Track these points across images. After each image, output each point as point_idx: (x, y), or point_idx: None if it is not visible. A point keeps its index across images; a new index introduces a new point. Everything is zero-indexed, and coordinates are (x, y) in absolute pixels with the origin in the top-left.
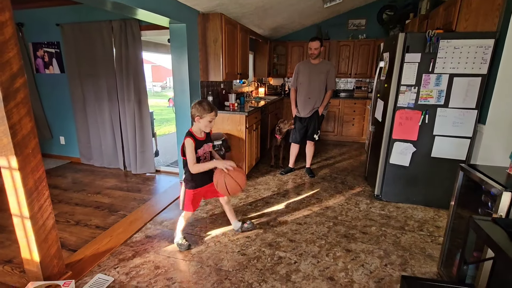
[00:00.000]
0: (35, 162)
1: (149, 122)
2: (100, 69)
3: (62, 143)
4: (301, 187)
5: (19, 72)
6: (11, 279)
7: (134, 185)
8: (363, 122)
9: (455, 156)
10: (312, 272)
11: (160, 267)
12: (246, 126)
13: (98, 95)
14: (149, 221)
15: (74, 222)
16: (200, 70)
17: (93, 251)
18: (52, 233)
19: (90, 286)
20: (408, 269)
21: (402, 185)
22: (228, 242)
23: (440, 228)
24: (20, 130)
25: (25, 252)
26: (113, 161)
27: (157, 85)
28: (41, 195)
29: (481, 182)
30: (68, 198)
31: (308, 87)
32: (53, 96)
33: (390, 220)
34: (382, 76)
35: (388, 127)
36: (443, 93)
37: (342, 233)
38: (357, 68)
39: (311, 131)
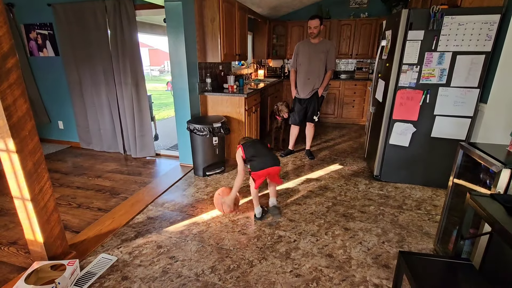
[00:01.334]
0: (32, 145)
1: (147, 106)
2: (95, 51)
3: (60, 128)
4: (300, 168)
5: (10, 51)
6: (16, 259)
7: (135, 169)
8: (363, 104)
9: (455, 136)
10: (311, 250)
11: (163, 246)
12: (246, 108)
13: (95, 79)
14: (150, 203)
15: (76, 205)
16: (197, 51)
17: (96, 232)
18: (54, 214)
19: (94, 265)
20: (405, 246)
21: (401, 166)
22: (229, 222)
23: (437, 207)
24: (15, 112)
25: (29, 233)
26: (112, 145)
27: (155, 69)
28: (41, 177)
29: (480, 160)
30: (69, 181)
31: (308, 67)
32: (49, 80)
33: (388, 199)
34: (383, 56)
35: (389, 108)
36: (445, 72)
37: (341, 213)
38: (358, 48)
39: (310, 113)
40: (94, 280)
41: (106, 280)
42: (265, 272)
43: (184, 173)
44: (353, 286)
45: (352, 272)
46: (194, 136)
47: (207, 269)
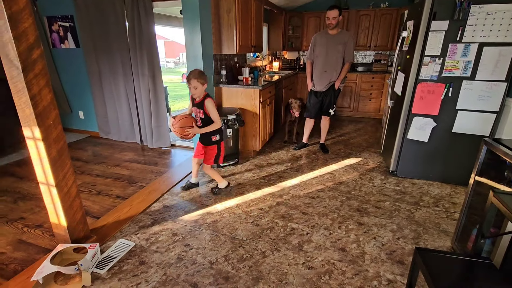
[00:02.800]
0: (56, 133)
1: (164, 97)
2: (114, 43)
3: (81, 118)
4: (314, 162)
5: (36, 43)
6: (42, 241)
7: (151, 159)
8: (381, 97)
9: (478, 132)
10: (324, 243)
11: (178, 234)
12: (260, 100)
13: (113, 70)
14: (166, 192)
15: (96, 192)
16: (213, 42)
17: (114, 219)
18: (77, 200)
19: (113, 249)
20: (421, 243)
21: (419, 161)
22: (242, 213)
23: (456, 204)
24: (41, 101)
25: (53, 217)
26: (130, 135)
27: (170, 61)
28: (64, 164)
29: (505, 157)
30: (90, 169)
31: (325, 59)
32: (70, 71)
33: (404, 195)
34: (404, 47)
35: (408, 101)
36: (470, 64)
37: (355, 207)
38: (377, 40)
39: (326, 106)
40: (113, 263)
41: (125, 264)
42: (278, 263)
43: None
44: (366, 280)
45: (366, 266)
46: None
47: (221, 257)
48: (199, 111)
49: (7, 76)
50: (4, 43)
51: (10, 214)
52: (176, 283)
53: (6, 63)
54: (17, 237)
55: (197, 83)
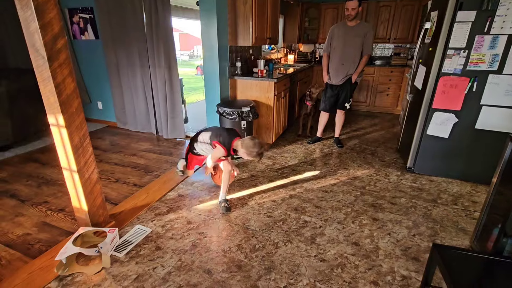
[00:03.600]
0: (79, 121)
1: (179, 89)
2: (131, 34)
3: (100, 108)
4: (328, 156)
5: (60, 33)
6: (64, 224)
7: (166, 149)
8: (399, 92)
9: (504, 129)
10: (337, 237)
11: (192, 222)
12: (275, 93)
13: (131, 61)
14: (181, 181)
15: (114, 179)
16: (229, 34)
17: (132, 205)
18: (97, 186)
19: (131, 234)
20: (438, 240)
21: (438, 158)
22: (255, 204)
23: (476, 203)
24: (64, 90)
25: (75, 201)
26: (146, 126)
27: (184, 53)
28: (86, 151)
29: None
30: (108, 158)
31: (342, 52)
32: (89, 62)
33: (421, 192)
34: (426, 39)
35: (429, 96)
36: (497, 57)
37: (369, 203)
38: (397, 32)
39: (342, 100)
40: (131, 247)
41: (142, 249)
42: (290, 254)
43: None
44: (379, 275)
45: (379, 262)
46: (223, 119)
47: (234, 246)
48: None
49: (34, 65)
50: (31, 33)
51: (34, 198)
52: (191, 269)
53: (33, 52)
54: (41, 219)
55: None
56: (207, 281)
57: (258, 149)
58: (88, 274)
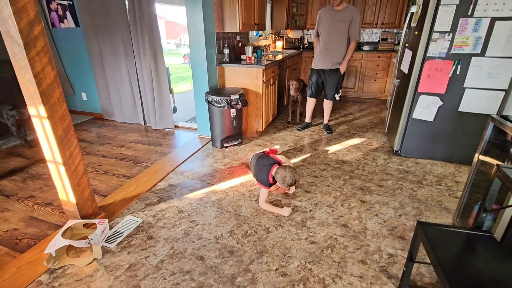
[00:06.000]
0: (61, 111)
1: (166, 78)
2: (114, 22)
3: (84, 99)
4: (318, 142)
5: (36, 18)
6: (53, 218)
7: (155, 139)
8: (386, 77)
9: (485, 110)
10: (327, 220)
11: (184, 211)
12: (263, 80)
13: (114, 50)
14: (171, 171)
15: (103, 171)
16: (215, 20)
17: (122, 197)
18: (84, 178)
19: (122, 225)
20: (423, 219)
21: (424, 141)
22: (246, 191)
23: (459, 183)
24: (44, 79)
25: (62, 194)
26: (133, 117)
27: (171, 42)
28: (71, 142)
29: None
30: (95, 150)
31: (328, 36)
32: (71, 52)
33: (407, 174)
34: (412, 23)
35: (415, 80)
36: (480, 40)
37: (357, 186)
38: (384, 17)
39: (331, 90)
40: (122, 238)
41: (133, 239)
42: (281, 238)
43: (202, 145)
44: (367, 254)
45: (367, 241)
46: (212, 108)
47: (226, 233)
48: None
49: (10, 53)
50: (4, 19)
51: (20, 192)
52: (183, 256)
53: (8, 40)
54: (28, 214)
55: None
56: (200, 267)
57: (290, 180)
58: (79, 265)
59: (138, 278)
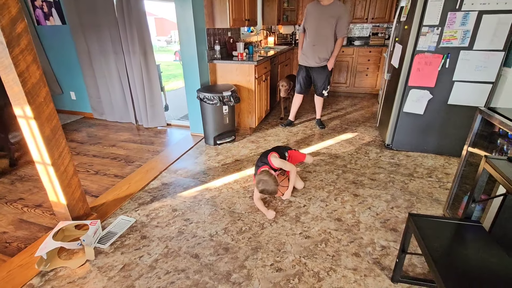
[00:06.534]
0: (48, 111)
1: (157, 75)
2: (101, 19)
3: (73, 99)
4: (311, 138)
5: (19, 15)
6: (43, 220)
7: (147, 138)
8: (378, 72)
9: (474, 103)
10: (321, 214)
11: (177, 209)
12: (255, 76)
13: (103, 47)
14: (164, 170)
15: (94, 171)
16: (205, 16)
17: (114, 197)
18: (74, 178)
19: (114, 225)
20: (414, 211)
21: (414, 134)
22: (240, 188)
23: (449, 175)
24: (29, 78)
25: (52, 196)
26: (124, 116)
27: (161, 39)
28: (59, 143)
29: (499, 125)
30: (86, 150)
31: (315, 32)
32: (58, 50)
33: (399, 167)
34: (402, 17)
35: (405, 74)
36: (468, 33)
37: (350, 180)
38: (375, 11)
39: (319, 86)
40: (115, 238)
41: (127, 239)
42: (276, 234)
43: (195, 142)
44: (360, 247)
45: (360, 234)
46: (204, 105)
47: (220, 230)
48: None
49: None
50: None
51: (8, 195)
52: (178, 255)
53: None
54: (18, 216)
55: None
56: (195, 265)
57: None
58: (71, 267)
59: (132, 278)
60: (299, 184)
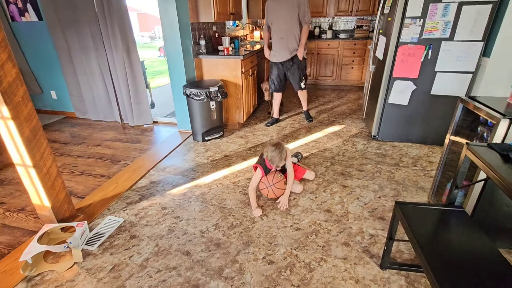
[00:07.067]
0: (27, 111)
1: (141, 72)
2: (80, 14)
3: (54, 98)
4: (299, 131)
5: None
6: (27, 224)
7: (133, 136)
8: (363, 64)
9: (456, 93)
10: (310, 206)
11: (167, 207)
12: (242, 71)
13: (83, 44)
14: (152, 168)
15: (79, 172)
16: (189, 10)
17: (101, 197)
18: (58, 180)
19: (102, 226)
20: (401, 199)
21: (399, 125)
22: (230, 184)
23: (433, 163)
24: (5, 77)
25: (35, 198)
26: (109, 114)
27: (145, 35)
28: (40, 144)
29: (479, 112)
30: (69, 151)
31: (280, 26)
32: (35, 48)
33: (385, 158)
34: (386, 9)
35: (389, 66)
36: (449, 24)
37: (339, 172)
38: (359, 4)
39: (295, 80)
40: (104, 239)
41: (116, 239)
42: (267, 227)
43: (183, 139)
44: (350, 236)
45: (349, 224)
46: (190, 101)
47: (211, 226)
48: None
49: None
50: None
51: None
52: (169, 253)
53: None
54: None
55: (284, 161)
56: (187, 262)
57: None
58: (59, 271)
59: (122, 279)
60: (297, 188)
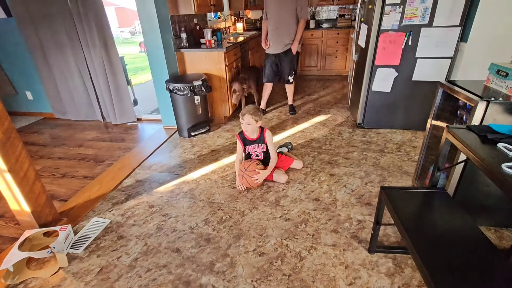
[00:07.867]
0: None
1: (121, 68)
2: (52, 10)
3: (30, 99)
4: (285, 122)
5: None
6: (7, 231)
7: (117, 135)
8: (346, 53)
9: (435, 78)
10: (299, 196)
11: (155, 206)
12: (226, 64)
13: (58, 41)
14: (137, 166)
15: (60, 175)
16: (168, 2)
17: (85, 199)
18: (37, 183)
19: (88, 229)
20: (386, 184)
21: (383, 112)
22: (218, 178)
23: (416, 147)
24: None
25: (13, 204)
26: (90, 113)
27: (125, 30)
28: (15, 146)
29: (458, 96)
30: (49, 153)
31: (276, 17)
32: (5, 46)
33: (370, 145)
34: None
35: (372, 53)
36: (428, 10)
37: (326, 161)
38: None
39: (285, 73)
40: (89, 242)
41: (102, 241)
42: (257, 220)
43: (168, 136)
44: (338, 223)
45: (338, 212)
46: (174, 96)
47: (201, 222)
48: (261, 146)
49: None
50: None
51: None
52: (158, 251)
53: None
54: None
55: (251, 120)
56: (177, 260)
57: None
58: (43, 277)
59: (111, 280)
60: (282, 178)
